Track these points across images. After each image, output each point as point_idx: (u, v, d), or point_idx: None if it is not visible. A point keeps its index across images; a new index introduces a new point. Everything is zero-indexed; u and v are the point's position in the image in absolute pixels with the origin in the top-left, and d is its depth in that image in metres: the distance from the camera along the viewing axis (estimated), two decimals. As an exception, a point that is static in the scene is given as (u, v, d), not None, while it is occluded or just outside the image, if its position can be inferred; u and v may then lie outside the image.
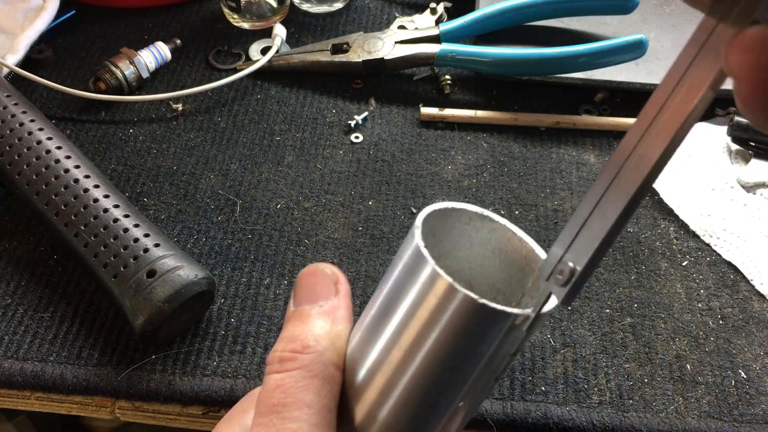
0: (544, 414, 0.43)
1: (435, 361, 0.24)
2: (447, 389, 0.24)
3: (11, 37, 0.63)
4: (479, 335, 0.23)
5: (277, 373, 0.26)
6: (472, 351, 0.23)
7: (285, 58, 0.63)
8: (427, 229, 0.26)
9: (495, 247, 0.27)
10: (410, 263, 0.24)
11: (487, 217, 0.26)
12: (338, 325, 0.27)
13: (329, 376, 0.26)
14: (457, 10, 0.66)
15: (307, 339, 0.26)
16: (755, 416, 0.43)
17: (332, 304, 0.27)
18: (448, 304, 0.22)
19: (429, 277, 0.23)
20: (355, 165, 0.57)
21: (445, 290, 0.22)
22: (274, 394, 0.25)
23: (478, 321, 0.22)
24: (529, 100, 0.62)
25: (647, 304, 0.49)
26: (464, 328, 0.22)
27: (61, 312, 0.47)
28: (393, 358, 0.25)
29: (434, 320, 0.23)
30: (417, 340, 0.24)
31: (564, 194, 0.55)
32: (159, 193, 0.55)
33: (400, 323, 0.24)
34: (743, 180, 0.55)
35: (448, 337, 0.23)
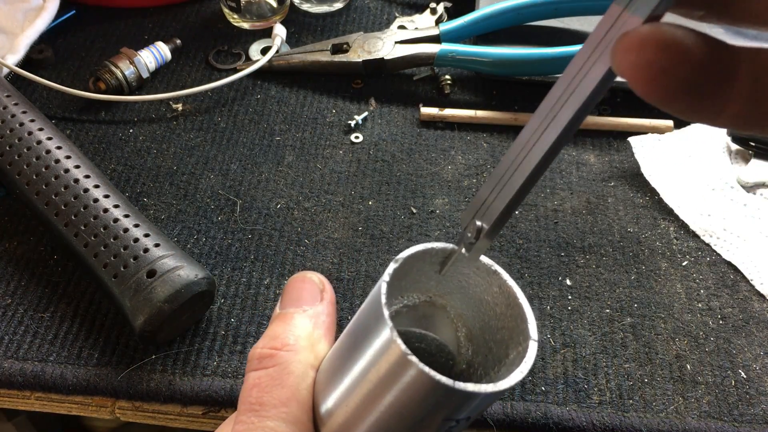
0: (544, 414, 0.43)
1: (380, 416, 0.24)
2: None
3: (11, 37, 0.63)
4: (415, 400, 0.23)
5: (255, 371, 0.27)
6: (410, 413, 0.23)
7: (285, 58, 0.63)
8: (430, 265, 0.26)
9: (497, 304, 0.26)
10: (371, 310, 0.24)
11: (495, 272, 0.26)
12: (319, 329, 0.28)
13: (306, 375, 0.27)
14: (457, 10, 0.66)
15: (287, 338, 0.27)
16: (755, 416, 0.43)
17: (316, 310, 0.28)
18: (399, 370, 0.23)
19: (384, 338, 0.23)
20: (355, 165, 0.57)
21: (397, 355, 0.22)
22: (252, 393, 0.26)
23: (419, 388, 0.22)
24: (529, 100, 0.62)
25: (647, 304, 0.49)
26: (407, 392, 0.23)
27: (61, 312, 0.47)
28: (346, 397, 0.25)
29: (383, 379, 0.23)
30: (366, 387, 0.24)
31: (564, 194, 0.55)
32: (159, 193, 0.55)
33: (356, 368, 0.25)
34: (743, 180, 0.55)
35: (395, 398, 0.23)
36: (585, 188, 0.55)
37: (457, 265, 0.27)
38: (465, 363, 0.28)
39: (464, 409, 0.23)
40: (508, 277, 0.26)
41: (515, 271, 0.50)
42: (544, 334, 0.47)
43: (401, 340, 0.22)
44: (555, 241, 0.52)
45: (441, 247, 0.26)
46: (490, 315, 0.27)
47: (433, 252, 0.26)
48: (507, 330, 0.26)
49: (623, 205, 0.54)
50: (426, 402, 0.23)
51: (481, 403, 0.23)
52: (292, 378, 0.26)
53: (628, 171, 0.57)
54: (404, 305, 0.28)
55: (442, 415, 0.23)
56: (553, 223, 0.53)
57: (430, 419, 0.23)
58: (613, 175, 0.57)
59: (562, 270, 0.50)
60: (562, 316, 0.48)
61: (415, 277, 0.27)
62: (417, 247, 0.25)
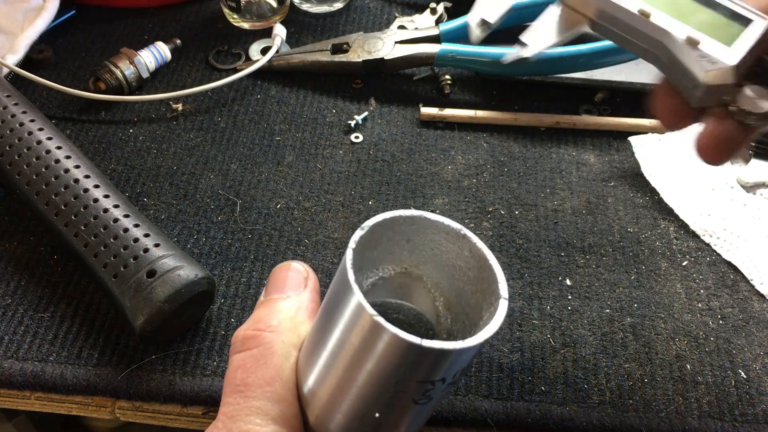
0: (544, 414, 0.43)
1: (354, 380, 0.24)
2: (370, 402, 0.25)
3: (11, 37, 0.63)
4: (388, 363, 0.23)
5: (239, 353, 0.27)
6: (385, 378, 0.23)
7: (285, 58, 0.63)
8: (399, 234, 0.26)
9: (470, 268, 0.26)
10: (339, 279, 0.24)
11: (465, 236, 0.26)
12: (303, 313, 0.28)
13: (289, 354, 0.27)
14: (457, 10, 0.66)
15: (270, 320, 0.28)
16: (755, 416, 0.43)
17: (300, 296, 0.29)
18: (369, 334, 0.23)
19: (352, 303, 0.23)
20: (355, 165, 0.57)
21: (365, 319, 0.23)
22: (236, 374, 0.27)
23: (390, 350, 0.23)
24: (529, 100, 0.62)
25: (647, 304, 0.49)
26: (379, 355, 0.23)
27: (61, 312, 0.47)
28: (324, 370, 0.26)
29: (354, 344, 0.23)
30: (340, 354, 0.24)
31: (564, 194, 0.55)
32: (159, 193, 0.55)
33: (330, 338, 0.25)
34: (743, 180, 0.55)
35: (368, 363, 0.23)
36: (585, 188, 0.55)
37: (427, 233, 0.27)
38: (445, 332, 0.28)
39: (438, 369, 0.23)
40: (477, 240, 0.26)
41: (515, 271, 0.50)
42: (544, 334, 0.47)
43: (369, 305, 0.22)
44: (555, 241, 0.52)
45: (408, 214, 0.26)
46: (464, 280, 0.27)
47: (401, 220, 0.26)
48: (480, 293, 0.26)
49: (623, 205, 0.54)
50: (399, 364, 0.23)
51: (454, 362, 0.23)
52: (275, 358, 0.27)
53: (628, 171, 0.57)
54: (380, 277, 0.28)
55: (417, 377, 0.23)
56: (553, 223, 0.53)
57: (406, 383, 0.23)
58: (613, 175, 0.57)
59: (562, 270, 0.50)
60: (562, 316, 0.48)
61: (387, 248, 0.27)
62: (384, 215, 0.25)
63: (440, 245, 0.27)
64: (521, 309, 0.48)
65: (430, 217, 0.26)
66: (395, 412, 0.25)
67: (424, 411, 0.26)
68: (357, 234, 0.25)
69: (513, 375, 0.45)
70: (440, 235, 0.27)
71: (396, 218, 0.26)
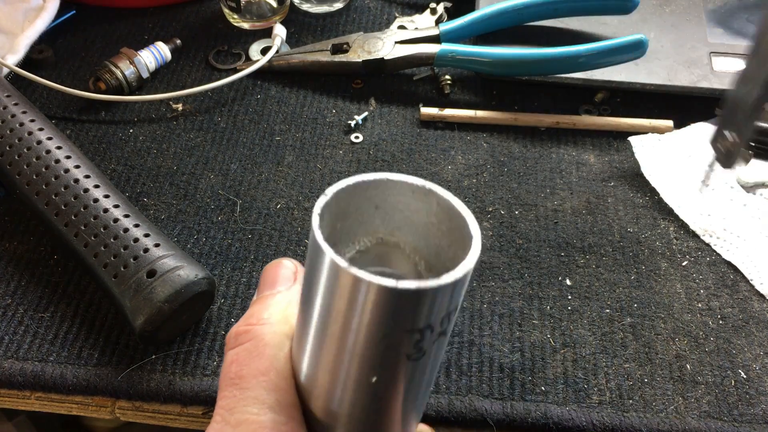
0: (544, 414, 0.43)
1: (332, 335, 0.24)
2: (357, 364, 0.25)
3: (11, 37, 0.63)
4: (372, 317, 0.23)
5: (233, 348, 0.28)
6: (372, 336, 0.23)
7: (285, 58, 0.63)
8: (366, 201, 0.26)
9: (441, 221, 0.26)
10: (310, 249, 0.24)
11: (431, 191, 0.26)
12: (293, 306, 0.29)
13: (282, 345, 0.27)
14: (457, 10, 0.66)
15: (261, 314, 0.28)
16: (755, 416, 0.43)
17: (290, 290, 0.30)
18: (347, 289, 0.23)
19: (325, 263, 0.23)
20: (355, 165, 0.57)
21: (340, 274, 0.22)
22: (231, 368, 0.27)
23: (371, 301, 0.22)
24: (529, 100, 0.62)
25: (647, 304, 0.49)
26: (361, 310, 0.23)
27: (61, 312, 0.47)
28: (314, 346, 0.25)
29: (336, 306, 0.23)
30: (324, 323, 0.24)
31: (564, 194, 0.55)
32: (159, 193, 0.55)
33: (314, 311, 0.25)
34: (743, 180, 0.55)
35: (353, 324, 0.23)
36: (585, 188, 0.55)
37: (394, 196, 0.26)
38: None
39: (420, 314, 0.23)
40: (442, 190, 0.26)
41: (515, 271, 0.50)
42: (544, 334, 0.47)
43: (341, 258, 0.22)
44: (555, 241, 0.52)
45: (371, 178, 0.26)
46: (438, 236, 0.27)
47: (365, 185, 0.26)
48: (456, 243, 0.26)
49: (623, 205, 0.54)
50: (381, 314, 0.22)
51: (434, 304, 0.23)
52: (268, 349, 0.27)
53: (628, 171, 0.57)
54: (357, 251, 0.28)
55: (402, 325, 0.23)
56: (553, 223, 0.53)
57: (394, 335, 0.23)
58: (613, 175, 0.57)
59: (562, 270, 0.50)
60: (562, 316, 0.48)
61: (358, 218, 0.27)
62: (346, 180, 0.25)
63: (409, 206, 0.27)
64: (521, 309, 0.48)
65: (392, 178, 0.26)
66: (391, 372, 0.25)
67: (419, 369, 0.25)
68: (320, 200, 0.25)
69: (513, 375, 0.45)
70: (407, 195, 0.26)
71: (359, 183, 0.25)
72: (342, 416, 0.27)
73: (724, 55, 0.62)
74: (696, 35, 0.63)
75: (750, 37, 0.62)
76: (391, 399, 0.26)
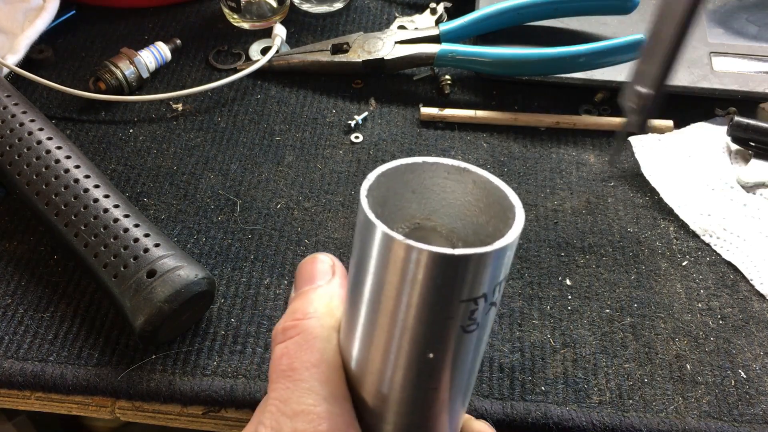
0: (544, 414, 0.43)
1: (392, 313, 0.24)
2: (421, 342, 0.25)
3: (11, 37, 0.63)
4: (428, 288, 0.23)
5: (281, 342, 0.28)
6: (428, 308, 0.23)
7: (285, 58, 0.63)
8: (404, 185, 0.26)
9: (479, 199, 0.27)
10: (360, 230, 0.24)
11: (466, 170, 0.26)
12: (336, 299, 0.29)
13: (330, 337, 0.28)
14: (457, 10, 0.66)
15: (306, 309, 0.28)
16: (755, 416, 0.43)
17: (330, 283, 0.30)
18: (403, 263, 0.23)
19: (377, 239, 0.23)
20: (355, 165, 0.57)
21: (396, 247, 0.23)
22: (281, 361, 0.27)
23: (427, 271, 0.23)
24: (529, 100, 0.62)
25: (647, 304, 0.49)
26: (418, 283, 0.23)
27: (61, 312, 0.47)
28: (366, 329, 0.26)
29: (391, 282, 0.23)
30: (378, 301, 0.24)
31: (564, 194, 0.55)
32: (159, 193, 0.55)
33: (365, 293, 0.25)
34: (743, 180, 0.55)
35: (408, 298, 0.23)
36: (585, 188, 0.55)
37: (430, 178, 0.27)
38: None
39: (477, 282, 0.23)
40: (477, 169, 0.26)
41: (515, 271, 0.50)
42: (544, 334, 0.47)
43: (395, 232, 0.22)
44: (555, 241, 0.52)
45: (408, 162, 0.26)
46: (476, 214, 0.27)
47: (403, 168, 0.26)
48: (495, 218, 0.26)
49: (623, 205, 0.54)
50: (438, 285, 0.23)
51: (489, 270, 0.23)
52: (318, 341, 0.27)
53: (628, 171, 0.57)
54: None
55: (459, 295, 0.23)
56: (553, 223, 0.53)
57: (450, 306, 0.23)
58: (613, 175, 0.57)
59: (562, 270, 0.50)
60: (562, 316, 0.48)
61: (395, 204, 0.27)
62: (386, 165, 0.26)
63: (445, 187, 0.27)
64: (521, 309, 0.48)
65: (428, 161, 0.26)
66: (448, 345, 0.25)
67: (474, 341, 0.25)
68: (365, 184, 0.25)
69: (513, 375, 0.45)
70: (442, 176, 0.27)
71: (398, 167, 0.26)
72: (392, 400, 0.27)
73: (724, 55, 0.62)
74: (696, 35, 0.63)
75: (750, 37, 0.63)
76: (443, 376, 0.26)
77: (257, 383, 0.44)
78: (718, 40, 0.63)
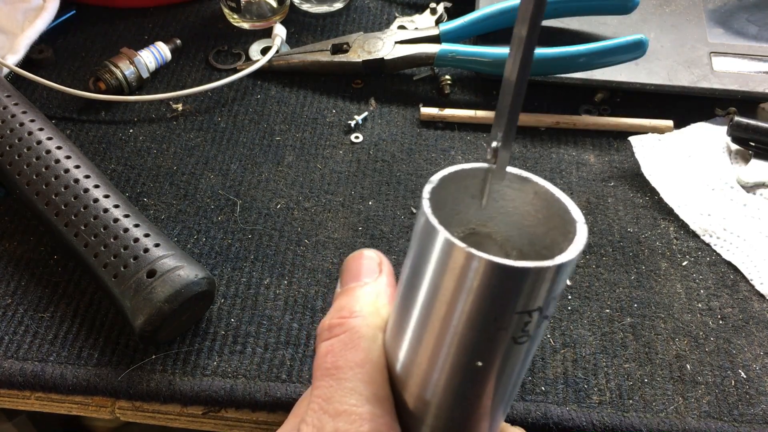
0: (544, 414, 0.43)
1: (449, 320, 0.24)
2: (468, 351, 0.25)
3: (11, 37, 0.63)
4: (484, 297, 0.23)
5: (327, 340, 0.28)
6: (483, 317, 0.23)
7: (285, 58, 0.63)
8: (464, 190, 0.26)
9: (538, 210, 0.26)
10: (420, 234, 0.24)
11: (528, 179, 0.26)
12: (382, 297, 0.29)
13: (376, 337, 0.28)
14: (457, 10, 0.66)
15: (353, 307, 0.28)
16: (755, 416, 0.43)
17: (377, 281, 0.30)
18: (461, 270, 0.23)
19: (439, 244, 0.23)
20: (355, 165, 0.57)
21: (456, 254, 0.22)
22: (326, 359, 0.27)
23: (485, 280, 0.22)
24: (529, 100, 0.62)
25: (647, 304, 0.49)
26: (474, 291, 0.23)
27: (61, 312, 0.47)
28: (417, 334, 0.25)
29: (447, 288, 0.23)
30: (432, 307, 0.24)
31: (564, 194, 0.55)
32: (159, 193, 0.55)
33: (419, 297, 0.25)
34: (743, 180, 0.55)
35: (464, 305, 0.23)
36: (585, 188, 0.55)
37: (492, 187, 0.27)
38: None
39: (533, 296, 0.23)
40: (539, 179, 0.26)
41: (515, 271, 0.50)
42: (544, 334, 0.47)
43: (456, 239, 0.22)
44: (555, 241, 0.52)
45: (472, 167, 0.26)
46: (534, 224, 0.27)
47: (465, 173, 0.26)
48: (554, 230, 0.26)
49: (623, 205, 0.54)
50: (495, 295, 0.22)
51: (548, 285, 0.23)
52: (363, 341, 0.27)
53: (628, 171, 0.57)
54: None
55: (514, 307, 0.23)
56: (553, 223, 0.53)
57: (504, 316, 0.23)
58: (613, 175, 0.57)
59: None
60: (562, 316, 0.48)
61: (453, 208, 0.27)
62: (449, 168, 0.25)
63: (504, 195, 0.27)
64: (521, 309, 0.48)
65: (492, 167, 0.26)
66: (498, 355, 0.25)
67: (523, 353, 0.25)
68: (427, 187, 0.25)
69: (513, 375, 0.45)
70: (503, 184, 0.27)
71: (459, 171, 0.26)
72: (434, 404, 0.27)
73: (724, 55, 0.62)
74: (696, 35, 0.63)
75: (750, 37, 0.62)
76: (487, 386, 0.26)
77: (257, 383, 0.44)
78: (718, 40, 0.63)
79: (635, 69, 0.60)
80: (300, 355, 0.46)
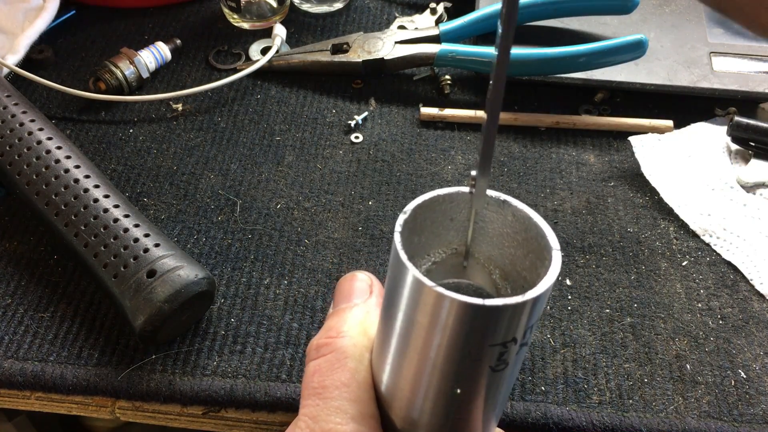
0: (544, 414, 0.43)
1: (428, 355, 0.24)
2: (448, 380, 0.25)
3: (11, 37, 0.63)
4: (458, 333, 0.23)
5: (314, 359, 0.28)
6: (457, 350, 0.23)
7: (285, 58, 0.63)
8: (442, 214, 0.26)
9: (517, 232, 0.27)
10: (392, 265, 0.24)
11: (506, 202, 0.26)
12: (371, 318, 0.30)
13: (362, 357, 0.28)
14: (457, 10, 0.66)
15: (341, 327, 0.29)
16: (755, 416, 0.43)
17: (367, 303, 0.30)
18: (432, 307, 0.23)
19: (408, 281, 0.23)
20: (355, 165, 0.57)
21: (426, 292, 0.23)
22: (313, 379, 0.28)
23: (457, 318, 0.23)
24: (529, 100, 0.62)
25: (647, 304, 0.49)
26: (446, 326, 0.23)
27: (61, 312, 0.47)
28: (396, 359, 0.26)
29: (421, 323, 0.24)
30: (408, 338, 0.25)
31: (564, 194, 0.55)
32: (159, 193, 0.55)
33: (395, 326, 0.25)
34: (743, 180, 0.55)
35: (437, 337, 0.23)
36: (585, 188, 0.55)
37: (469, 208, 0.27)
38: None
39: (507, 329, 0.23)
40: (518, 202, 0.26)
41: (515, 271, 0.50)
42: (544, 334, 0.47)
43: (426, 278, 0.22)
44: (555, 241, 0.52)
45: (447, 192, 0.26)
46: (514, 246, 0.27)
47: (440, 199, 0.26)
48: (532, 253, 0.26)
49: (623, 205, 0.54)
50: (468, 331, 0.23)
51: (520, 318, 0.23)
52: (349, 361, 0.28)
53: (628, 171, 0.57)
54: (432, 263, 0.28)
55: (488, 341, 0.23)
56: (553, 223, 0.53)
57: (479, 350, 0.23)
58: (613, 175, 0.57)
59: (562, 270, 0.50)
60: (562, 316, 0.48)
61: (433, 231, 0.27)
62: (422, 197, 0.26)
63: (483, 217, 0.27)
64: (521, 309, 0.48)
65: (466, 191, 0.26)
66: (475, 383, 0.25)
67: (504, 378, 0.26)
68: (400, 218, 0.25)
69: (513, 375, 0.45)
70: (481, 207, 0.27)
71: (435, 198, 0.26)
72: (422, 425, 0.27)
73: (724, 55, 0.62)
74: (696, 35, 0.63)
75: (750, 37, 0.62)
76: (473, 408, 0.26)
77: (257, 383, 0.44)
78: (718, 40, 0.63)
79: (635, 69, 0.60)
80: (300, 355, 0.46)
